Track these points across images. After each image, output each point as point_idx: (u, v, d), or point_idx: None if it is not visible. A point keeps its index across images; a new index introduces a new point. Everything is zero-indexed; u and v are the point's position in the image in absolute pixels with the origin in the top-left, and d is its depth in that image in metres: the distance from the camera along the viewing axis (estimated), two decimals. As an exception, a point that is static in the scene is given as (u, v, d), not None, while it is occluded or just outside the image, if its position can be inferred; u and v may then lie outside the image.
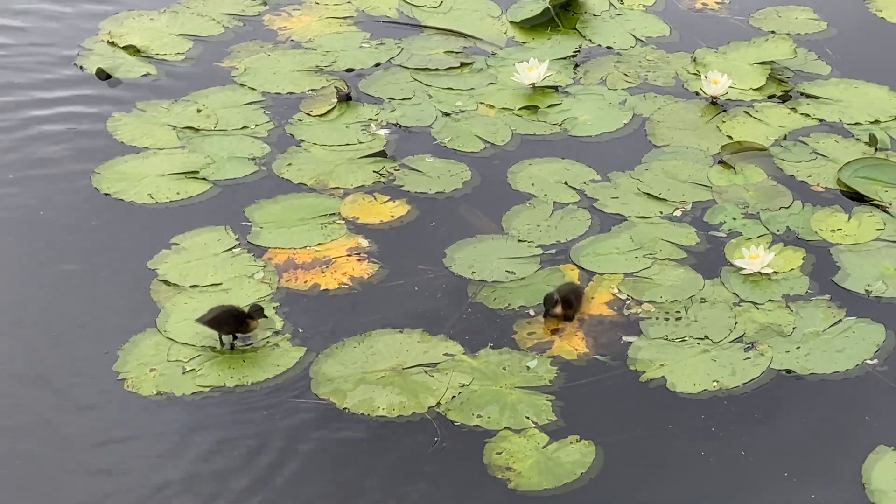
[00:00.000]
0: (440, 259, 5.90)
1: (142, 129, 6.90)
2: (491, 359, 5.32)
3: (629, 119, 7.01)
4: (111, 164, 6.60)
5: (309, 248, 5.98)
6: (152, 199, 6.34)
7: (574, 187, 6.44)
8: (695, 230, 6.10)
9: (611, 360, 5.29)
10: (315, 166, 6.60)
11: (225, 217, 6.19)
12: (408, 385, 5.18)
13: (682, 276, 5.78)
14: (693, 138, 6.82)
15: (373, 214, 6.24)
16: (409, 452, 4.91)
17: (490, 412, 5.05)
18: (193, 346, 5.38)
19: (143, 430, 5.02)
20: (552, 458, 4.86)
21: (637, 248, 5.97)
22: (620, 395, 5.17)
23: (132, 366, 5.29)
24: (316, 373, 5.27)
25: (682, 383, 5.20)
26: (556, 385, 5.20)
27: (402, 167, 6.61)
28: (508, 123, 6.98)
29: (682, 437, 4.97)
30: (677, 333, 5.45)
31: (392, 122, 6.99)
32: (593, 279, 5.77)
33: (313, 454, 4.92)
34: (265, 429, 5.03)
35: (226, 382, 5.21)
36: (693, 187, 6.43)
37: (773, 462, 4.85)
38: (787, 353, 5.33)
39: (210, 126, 6.93)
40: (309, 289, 5.73)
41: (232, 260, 5.90)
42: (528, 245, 6.00)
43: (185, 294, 5.68)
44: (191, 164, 6.60)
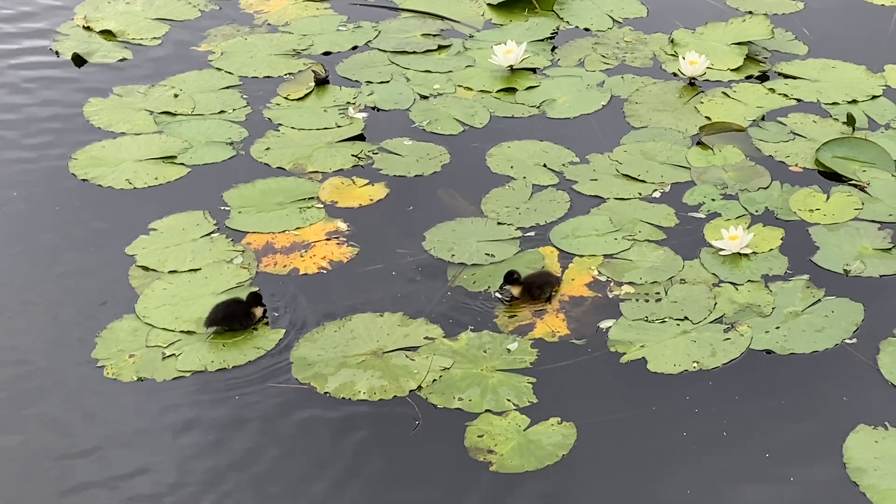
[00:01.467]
0: (419, 242, 5.88)
1: (118, 114, 6.86)
2: (471, 342, 5.30)
3: (607, 101, 7.00)
4: (88, 150, 6.56)
5: (287, 232, 5.96)
6: (130, 184, 6.30)
7: (552, 169, 6.43)
8: (673, 211, 6.09)
9: (587, 343, 5.27)
10: (293, 150, 6.57)
11: (203, 202, 6.16)
12: (388, 369, 5.17)
13: (661, 258, 5.78)
14: (671, 119, 6.82)
15: (351, 198, 6.22)
16: (390, 436, 4.89)
17: (471, 395, 5.04)
18: (172, 332, 5.35)
19: (124, 417, 4.98)
20: (533, 440, 4.84)
21: (616, 229, 5.96)
22: (601, 377, 5.16)
23: (111, 352, 5.26)
24: (296, 357, 5.24)
25: (663, 364, 5.19)
26: (537, 367, 5.18)
27: (380, 150, 6.59)
28: (486, 106, 6.97)
29: (663, 418, 4.96)
30: (657, 314, 5.44)
31: (370, 106, 6.97)
32: (573, 261, 5.75)
33: (294, 438, 4.90)
34: (246, 413, 5.00)
35: (206, 367, 5.18)
36: (671, 168, 6.42)
37: (754, 442, 4.84)
38: (767, 334, 5.32)
39: (187, 110, 6.90)
40: (288, 273, 5.71)
41: (210, 245, 5.87)
42: (508, 227, 5.98)
43: (164, 279, 5.65)
44: (168, 149, 6.57)
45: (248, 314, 5.38)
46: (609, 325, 5.37)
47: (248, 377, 5.16)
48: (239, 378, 5.15)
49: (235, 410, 5.01)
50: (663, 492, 4.67)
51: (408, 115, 6.91)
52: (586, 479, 4.73)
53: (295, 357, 5.24)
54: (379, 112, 6.93)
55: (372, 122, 6.84)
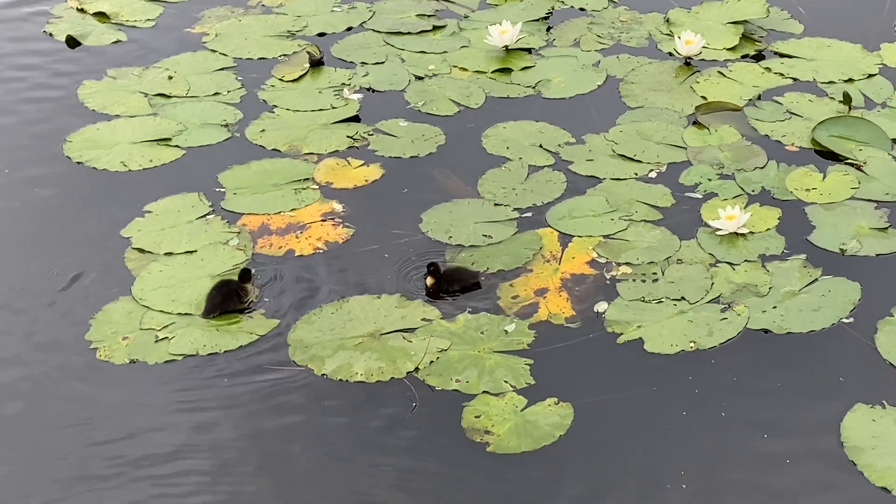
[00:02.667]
0: (416, 223, 5.86)
1: (113, 97, 6.84)
2: (469, 323, 5.28)
3: (603, 80, 6.97)
4: (82, 132, 6.54)
5: (283, 213, 5.94)
6: (125, 167, 6.28)
7: (548, 150, 6.41)
8: (670, 191, 6.07)
9: (584, 324, 5.25)
10: (288, 132, 6.55)
11: (198, 184, 6.13)
12: (385, 351, 5.15)
13: (657, 238, 5.76)
14: (667, 99, 6.79)
15: (347, 179, 6.19)
16: (388, 418, 4.88)
17: (468, 377, 5.03)
18: (168, 314, 5.33)
19: (116, 400, 4.96)
20: (530, 420, 4.83)
21: (612, 209, 5.94)
22: (598, 358, 5.14)
23: (105, 334, 5.24)
24: (293, 339, 5.22)
25: (660, 344, 5.17)
26: (534, 349, 5.16)
27: (375, 132, 6.56)
28: (482, 86, 6.94)
29: (660, 398, 4.95)
30: (654, 295, 5.42)
31: (365, 87, 6.94)
32: (572, 242, 5.73)
33: (291, 421, 4.88)
34: (241, 397, 4.98)
35: (199, 351, 5.16)
36: (667, 148, 6.40)
37: (752, 422, 4.83)
38: (764, 313, 5.31)
39: (181, 93, 6.87)
40: (283, 254, 5.69)
41: (206, 227, 5.85)
42: (504, 208, 5.96)
43: (160, 262, 5.63)
44: (163, 131, 6.55)
45: (241, 291, 5.37)
46: (605, 307, 5.35)
47: (244, 361, 5.14)
48: (233, 362, 5.13)
49: (230, 395, 4.99)
50: (661, 472, 4.66)
51: (403, 96, 6.88)
52: (583, 459, 4.72)
53: (292, 339, 5.22)
54: (374, 93, 6.90)
55: (367, 103, 6.81)
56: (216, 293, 5.35)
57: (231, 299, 5.34)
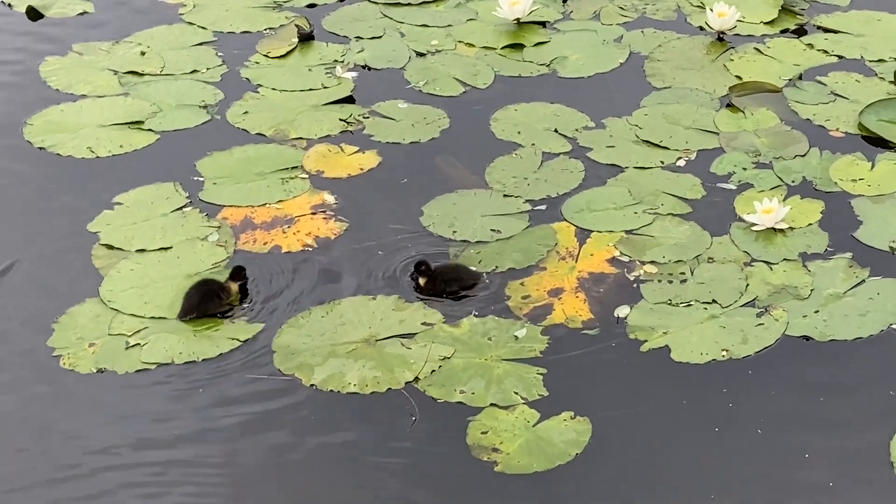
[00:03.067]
0: (416, 217, 5.87)
1: (79, 75, 6.85)
2: (475, 328, 5.29)
3: (625, 58, 6.99)
4: (45, 114, 6.55)
5: (268, 205, 5.95)
6: (92, 153, 6.29)
7: (565, 135, 6.42)
8: (700, 182, 6.08)
9: (603, 329, 5.26)
10: (274, 114, 6.56)
11: (174, 172, 6.14)
12: (382, 358, 5.16)
13: (686, 234, 5.76)
14: (697, 79, 6.81)
15: (339, 167, 6.20)
16: (384, 434, 4.88)
17: (474, 387, 5.03)
18: (140, 318, 5.33)
19: (81, 413, 4.97)
20: (543, 437, 4.83)
21: (636, 202, 5.95)
22: (619, 367, 5.15)
23: (70, 340, 5.24)
24: (279, 346, 5.22)
25: (688, 353, 5.17)
26: (548, 356, 5.17)
27: (371, 114, 6.57)
28: (490, 64, 6.95)
29: (689, 412, 4.96)
30: (682, 297, 5.43)
31: (360, 64, 6.96)
32: (591, 237, 5.74)
33: (275, 437, 4.88)
34: (220, 410, 4.99)
35: (174, 359, 5.16)
36: (697, 134, 6.41)
37: (792, 440, 4.83)
38: (805, 318, 5.31)
39: (155, 70, 6.88)
40: (269, 251, 5.70)
41: (182, 220, 5.86)
42: (515, 200, 5.97)
43: (131, 259, 5.63)
44: (134, 113, 6.56)
45: (221, 292, 5.39)
46: (626, 311, 5.36)
47: (223, 370, 5.14)
48: (211, 371, 5.13)
49: (207, 407, 4.99)
50: (690, 496, 4.66)
51: (402, 74, 6.90)
52: (602, 481, 4.71)
53: (277, 346, 5.22)
54: (370, 71, 6.92)
55: (362, 82, 6.82)
56: (194, 292, 5.36)
57: (211, 300, 5.36)
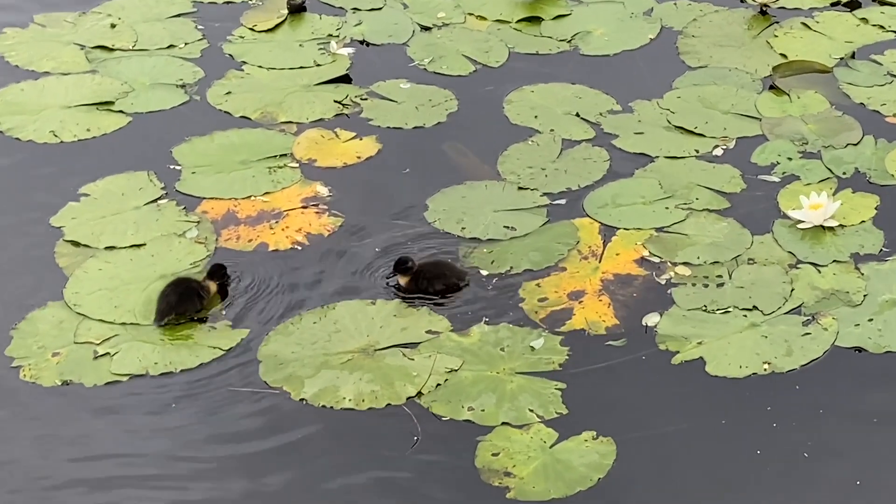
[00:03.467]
0: (420, 212, 5.88)
1: (41, 49, 6.87)
2: (485, 337, 5.28)
3: (656, 33, 7.01)
4: (2, 94, 6.57)
5: (254, 198, 5.96)
6: (55, 138, 6.31)
7: (588, 120, 6.42)
8: (740, 173, 6.08)
9: (630, 339, 5.26)
10: (260, 95, 6.56)
11: (148, 160, 6.15)
12: (381, 370, 5.15)
13: (723, 232, 5.76)
14: (737, 57, 6.81)
15: (334, 155, 6.21)
16: (383, 455, 4.87)
17: (484, 404, 5.02)
18: (109, 324, 5.32)
19: (44, 430, 4.96)
20: (562, 459, 4.82)
21: (667, 196, 5.95)
22: (647, 382, 5.14)
23: (30, 349, 5.23)
24: (265, 355, 5.22)
25: (725, 366, 5.17)
26: (568, 369, 5.16)
27: (370, 96, 6.58)
28: (504, 39, 6.96)
29: (726, 434, 4.94)
30: (718, 303, 5.42)
31: (357, 39, 6.97)
32: (616, 235, 5.74)
33: (261, 458, 4.87)
34: (199, 428, 4.98)
35: (148, 370, 5.16)
36: (737, 119, 6.41)
37: (842, 464, 4.83)
38: (857, 328, 5.31)
39: (127, 45, 6.90)
40: (254, 249, 5.70)
41: (157, 214, 5.86)
42: (531, 193, 5.97)
43: (99, 258, 5.63)
44: (103, 93, 6.57)
45: (201, 291, 5.39)
46: (656, 320, 5.36)
47: (203, 383, 5.14)
48: (189, 384, 5.12)
49: (185, 424, 4.99)
50: (726, 527, 4.68)
51: (405, 50, 6.91)
52: (629, 509, 4.73)
53: (263, 355, 5.22)
54: (368, 47, 6.93)
55: (360, 59, 6.83)
56: (171, 292, 5.36)
57: (190, 300, 5.36)
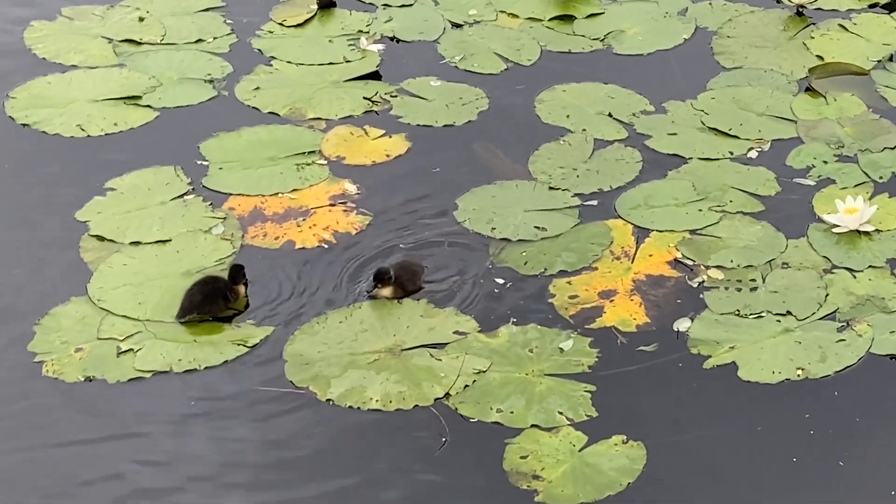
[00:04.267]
0: (450, 211, 5.88)
1: (69, 42, 6.88)
2: (514, 338, 5.28)
3: (690, 33, 7.00)
4: (30, 87, 6.58)
5: (281, 195, 5.96)
6: (82, 132, 6.31)
7: (620, 120, 6.43)
8: (774, 176, 6.07)
9: (657, 345, 5.25)
10: (289, 91, 6.58)
11: (174, 155, 6.16)
12: (408, 371, 5.15)
13: (757, 235, 5.76)
14: (773, 58, 6.80)
15: (363, 153, 6.22)
16: (410, 457, 4.87)
17: (513, 406, 5.02)
18: (134, 320, 5.33)
19: (67, 428, 4.95)
20: (591, 463, 4.82)
21: (701, 198, 5.94)
22: (678, 386, 5.14)
23: (53, 345, 5.24)
24: (291, 354, 5.22)
25: (758, 371, 5.16)
26: (597, 371, 5.16)
27: (399, 93, 6.59)
28: (536, 38, 6.96)
29: (759, 440, 4.93)
30: (751, 308, 5.41)
31: (387, 36, 6.97)
32: (650, 237, 5.74)
33: (287, 458, 4.87)
34: (224, 427, 4.98)
35: (172, 367, 5.16)
36: (772, 121, 6.40)
37: (879, 474, 4.81)
38: (893, 335, 5.28)
39: (155, 38, 6.91)
40: (281, 247, 5.70)
41: (183, 210, 5.87)
42: (562, 194, 5.97)
43: (124, 253, 5.64)
44: (131, 87, 6.58)
45: (228, 293, 5.39)
46: (687, 325, 5.35)
47: (227, 381, 5.14)
48: (214, 382, 5.12)
49: (209, 423, 4.99)
50: (758, 534, 4.67)
51: (436, 48, 6.91)
52: (658, 515, 4.73)
53: (290, 354, 5.22)
54: (399, 44, 6.94)
55: (390, 56, 6.84)
56: (197, 290, 5.37)
57: (215, 301, 5.36)
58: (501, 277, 5.56)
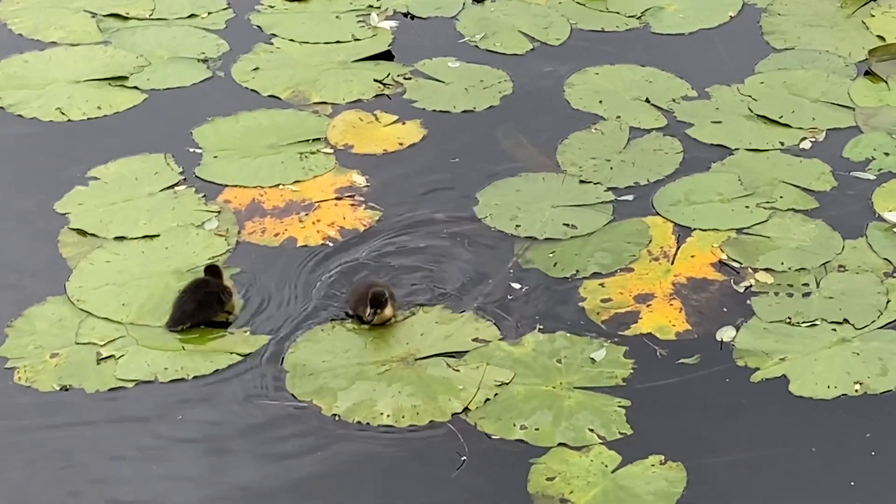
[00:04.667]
0: (469, 206, 5.87)
1: (48, 17, 6.91)
2: (540, 346, 5.25)
3: (737, 10, 7.02)
4: (4, 66, 6.63)
5: (282, 187, 5.97)
6: (62, 115, 6.34)
7: (658, 106, 6.43)
8: (830, 169, 6.07)
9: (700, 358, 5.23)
10: (292, 72, 6.59)
11: (165, 142, 6.17)
12: (423, 382, 5.12)
13: (811, 235, 5.74)
14: (828, 39, 6.82)
15: (373, 141, 6.22)
16: (425, 477, 4.83)
17: (539, 422, 4.98)
18: (115, 323, 5.31)
19: (40, 442, 4.92)
20: (625, 486, 4.79)
21: (748, 193, 5.93)
22: (723, 401, 5.10)
23: (26, 349, 5.22)
24: (292, 364, 5.19)
25: (811, 385, 5.12)
26: (633, 385, 5.13)
27: (414, 75, 6.61)
28: (565, 14, 6.98)
29: (813, 461, 4.89)
30: (804, 315, 5.38)
31: (401, 11, 7.01)
32: (692, 236, 5.71)
33: (288, 479, 4.83)
34: (211, 442, 4.95)
35: (157, 376, 5.13)
36: (827, 108, 6.40)
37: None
38: (962, 345, 5.25)
39: (144, 13, 6.95)
40: (281, 244, 5.69)
41: (174, 202, 5.87)
42: (594, 187, 5.96)
43: (107, 249, 5.63)
44: (117, 67, 6.61)
45: (223, 295, 5.38)
46: (732, 334, 5.33)
47: (219, 392, 5.11)
48: (204, 392, 5.10)
49: (199, 440, 4.95)
50: (812, 568, 4.63)
51: (454, 25, 6.94)
52: (700, 545, 4.68)
53: (291, 364, 5.18)
54: (413, 20, 6.97)
55: (403, 33, 6.87)
56: (189, 299, 5.34)
57: (210, 307, 5.34)
58: (526, 280, 5.56)
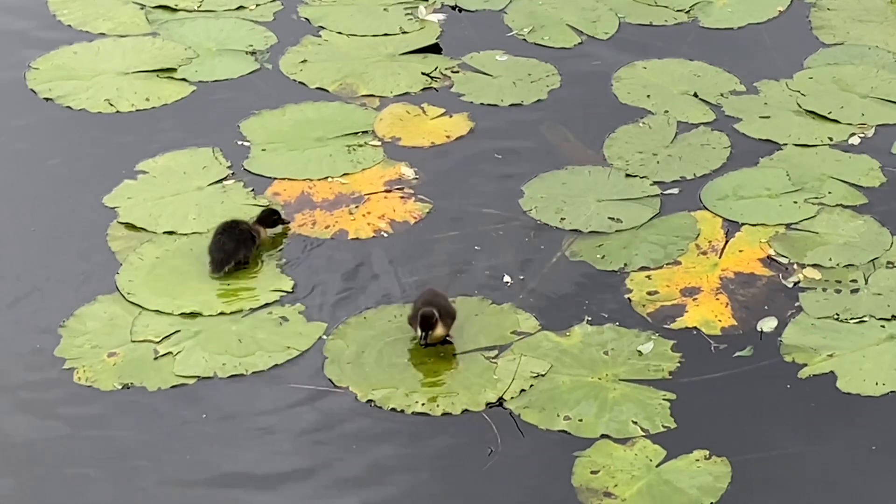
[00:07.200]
0: (515, 199, 5.91)
1: (96, 9, 6.93)
2: (588, 338, 5.29)
3: (786, 5, 7.00)
4: (53, 57, 6.63)
5: (331, 179, 6.00)
6: (111, 107, 6.36)
7: (706, 101, 6.44)
8: (879, 165, 6.08)
9: (752, 351, 5.26)
10: (340, 65, 6.61)
11: (212, 135, 6.21)
12: (459, 372, 5.17)
13: (860, 231, 5.76)
14: (878, 34, 6.81)
15: (420, 134, 6.25)
16: (461, 468, 4.86)
17: (582, 413, 5.02)
18: (168, 315, 5.33)
19: (105, 442, 4.94)
20: (669, 480, 4.82)
21: (796, 188, 5.95)
22: (769, 396, 5.13)
23: (82, 349, 5.23)
24: (332, 351, 5.22)
25: (859, 382, 5.15)
26: (678, 378, 5.15)
27: (461, 68, 6.63)
28: (614, 8, 7.00)
29: (859, 459, 4.91)
30: (853, 311, 5.41)
31: (449, 4, 7.02)
32: (740, 231, 5.74)
33: (320, 465, 4.86)
34: (271, 436, 4.98)
35: (216, 372, 5.16)
36: (877, 104, 6.41)
37: None
38: None
39: (192, 5, 6.97)
40: (332, 237, 5.73)
41: (222, 196, 5.90)
42: (640, 181, 5.99)
43: (156, 243, 5.67)
44: (165, 59, 6.63)
45: (254, 234, 5.50)
46: (773, 324, 5.36)
47: (276, 386, 5.13)
48: (261, 387, 5.11)
49: (256, 432, 4.98)
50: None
51: (502, 18, 6.95)
52: (744, 539, 4.73)
53: (330, 350, 5.23)
54: (461, 13, 6.98)
55: (451, 27, 6.88)
56: (227, 239, 5.44)
57: (246, 245, 5.46)
58: (572, 272, 5.59)
